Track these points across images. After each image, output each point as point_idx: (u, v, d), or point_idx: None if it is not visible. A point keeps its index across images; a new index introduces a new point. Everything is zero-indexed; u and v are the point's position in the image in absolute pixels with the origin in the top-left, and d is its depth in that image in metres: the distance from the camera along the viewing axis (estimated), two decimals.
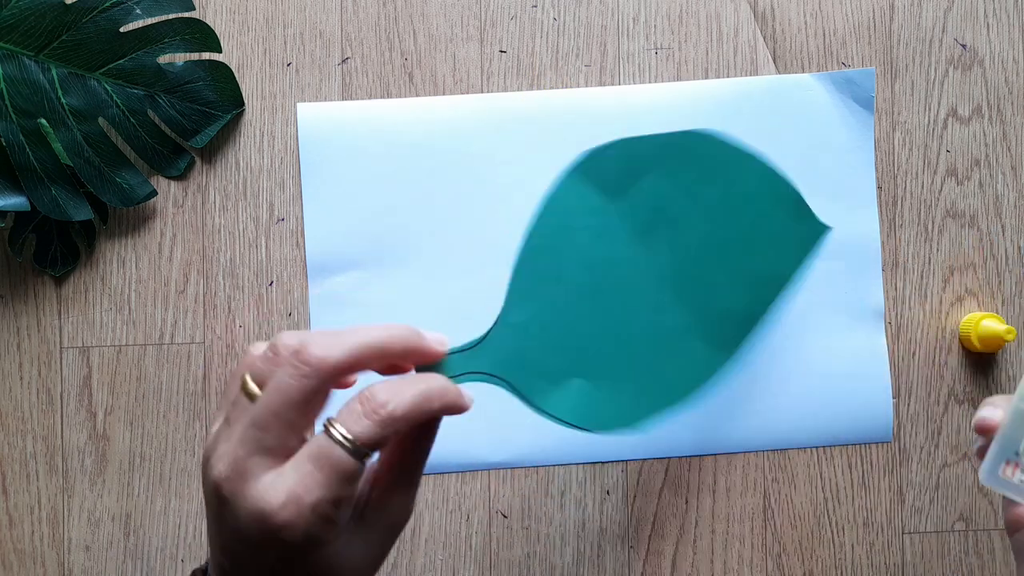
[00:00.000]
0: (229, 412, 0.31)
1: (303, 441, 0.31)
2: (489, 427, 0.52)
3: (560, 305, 0.44)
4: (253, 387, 0.31)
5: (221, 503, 0.31)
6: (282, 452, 0.31)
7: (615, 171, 0.45)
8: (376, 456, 0.33)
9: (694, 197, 0.45)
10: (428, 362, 0.35)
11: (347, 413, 0.31)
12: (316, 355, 0.31)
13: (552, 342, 0.44)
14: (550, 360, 0.44)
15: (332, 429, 0.31)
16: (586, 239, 0.44)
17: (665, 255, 0.45)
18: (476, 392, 0.46)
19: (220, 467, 0.31)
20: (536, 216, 0.44)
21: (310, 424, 0.32)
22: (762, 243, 0.48)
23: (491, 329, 0.43)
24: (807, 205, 0.48)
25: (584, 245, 0.44)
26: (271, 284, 0.52)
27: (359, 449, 0.31)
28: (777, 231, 0.48)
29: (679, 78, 0.53)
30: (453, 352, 0.40)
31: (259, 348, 0.32)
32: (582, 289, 0.44)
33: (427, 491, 0.52)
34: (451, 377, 0.39)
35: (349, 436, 0.30)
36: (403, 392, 0.32)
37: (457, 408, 0.34)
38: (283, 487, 0.30)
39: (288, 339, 0.31)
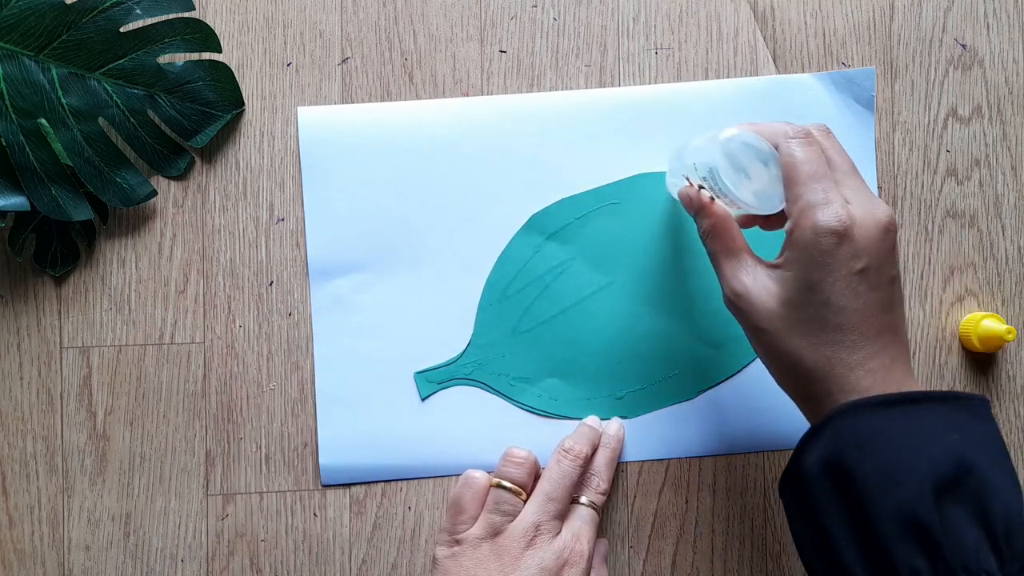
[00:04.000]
0: (498, 507, 0.46)
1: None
2: (491, 431, 0.52)
3: (528, 327, 0.52)
4: (511, 486, 0.47)
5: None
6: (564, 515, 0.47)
7: (562, 223, 0.52)
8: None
9: (648, 225, 0.52)
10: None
11: (590, 491, 0.49)
12: (585, 452, 0.48)
13: (524, 354, 0.52)
14: (524, 366, 0.52)
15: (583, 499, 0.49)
16: (546, 276, 0.51)
17: (628, 276, 0.52)
18: (477, 398, 0.52)
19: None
20: (494, 267, 0.51)
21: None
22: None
23: (465, 350, 0.51)
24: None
25: (545, 280, 0.51)
26: (271, 284, 0.52)
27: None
28: (763, 234, 0.51)
29: (679, 78, 0.53)
30: (434, 368, 0.51)
31: (480, 473, 0.48)
32: (549, 314, 0.52)
33: (427, 491, 0.52)
34: (437, 384, 0.51)
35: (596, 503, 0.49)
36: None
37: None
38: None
39: (567, 444, 0.48)
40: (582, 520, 0.47)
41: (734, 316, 0.43)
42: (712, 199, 0.44)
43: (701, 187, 0.45)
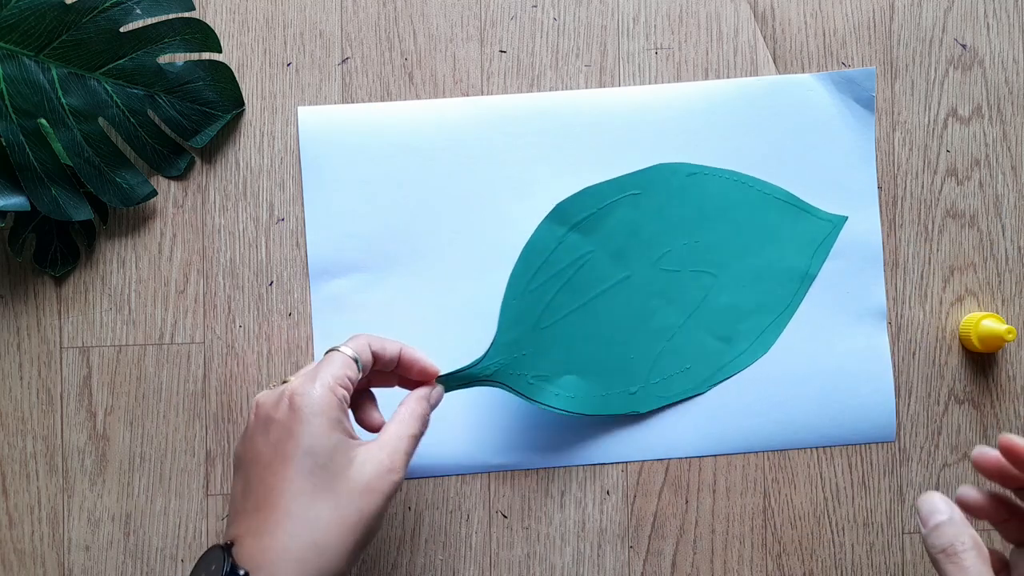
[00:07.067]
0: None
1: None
2: (490, 431, 0.52)
3: (548, 323, 0.50)
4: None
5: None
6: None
7: (585, 213, 0.51)
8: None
9: (666, 217, 0.52)
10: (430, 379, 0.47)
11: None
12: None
13: (544, 351, 0.50)
14: (543, 363, 0.50)
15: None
16: (568, 269, 0.50)
17: (645, 270, 0.52)
18: (478, 398, 0.52)
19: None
20: (519, 259, 0.50)
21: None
22: (759, 242, 0.51)
23: (488, 350, 0.48)
24: (802, 202, 0.51)
25: (567, 274, 0.50)
26: (271, 284, 0.52)
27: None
28: (776, 229, 0.51)
29: (679, 78, 0.53)
30: (458, 371, 0.48)
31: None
32: (569, 308, 0.51)
33: (427, 491, 0.52)
34: (457, 386, 0.48)
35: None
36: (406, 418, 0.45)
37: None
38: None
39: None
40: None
41: None
42: None
43: None
